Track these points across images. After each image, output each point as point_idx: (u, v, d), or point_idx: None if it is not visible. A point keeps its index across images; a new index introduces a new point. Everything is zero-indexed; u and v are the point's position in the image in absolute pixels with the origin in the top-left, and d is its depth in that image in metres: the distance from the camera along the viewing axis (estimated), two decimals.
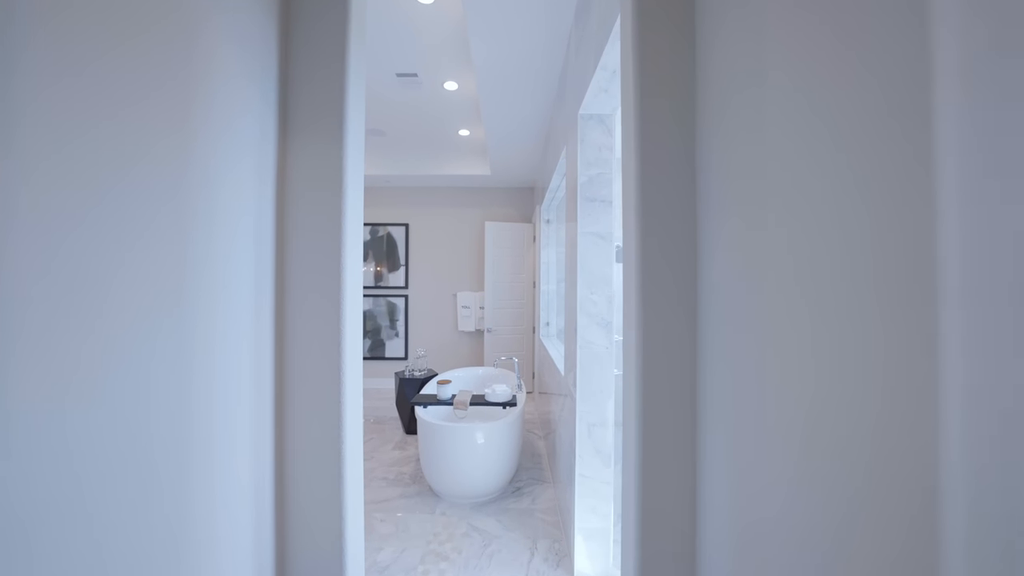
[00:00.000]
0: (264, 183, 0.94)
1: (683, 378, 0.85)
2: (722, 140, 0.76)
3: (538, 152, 3.94)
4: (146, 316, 0.65)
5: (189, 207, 0.73)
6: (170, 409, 0.69)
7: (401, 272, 5.33)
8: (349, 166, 1.02)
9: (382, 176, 4.83)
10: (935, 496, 0.37)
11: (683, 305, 0.85)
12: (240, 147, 0.85)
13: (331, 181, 1.00)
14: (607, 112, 1.83)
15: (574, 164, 1.93)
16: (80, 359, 0.56)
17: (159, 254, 0.67)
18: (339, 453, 0.98)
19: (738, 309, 0.70)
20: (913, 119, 0.39)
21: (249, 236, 0.88)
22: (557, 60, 2.35)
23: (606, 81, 1.57)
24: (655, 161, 0.86)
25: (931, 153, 0.37)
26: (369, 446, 3.47)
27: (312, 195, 1.01)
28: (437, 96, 3.26)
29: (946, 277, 0.36)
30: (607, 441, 1.86)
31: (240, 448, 0.86)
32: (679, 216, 0.86)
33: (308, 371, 0.99)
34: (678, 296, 0.85)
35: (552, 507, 2.52)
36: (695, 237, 0.86)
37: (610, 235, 1.84)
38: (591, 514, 1.86)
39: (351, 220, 1.05)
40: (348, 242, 1.03)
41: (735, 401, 0.71)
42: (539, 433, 3.75)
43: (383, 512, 2.47)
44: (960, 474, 0.35)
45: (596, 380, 1.84)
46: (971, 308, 0.34)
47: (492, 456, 2.52)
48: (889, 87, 0.42)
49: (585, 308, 1.83)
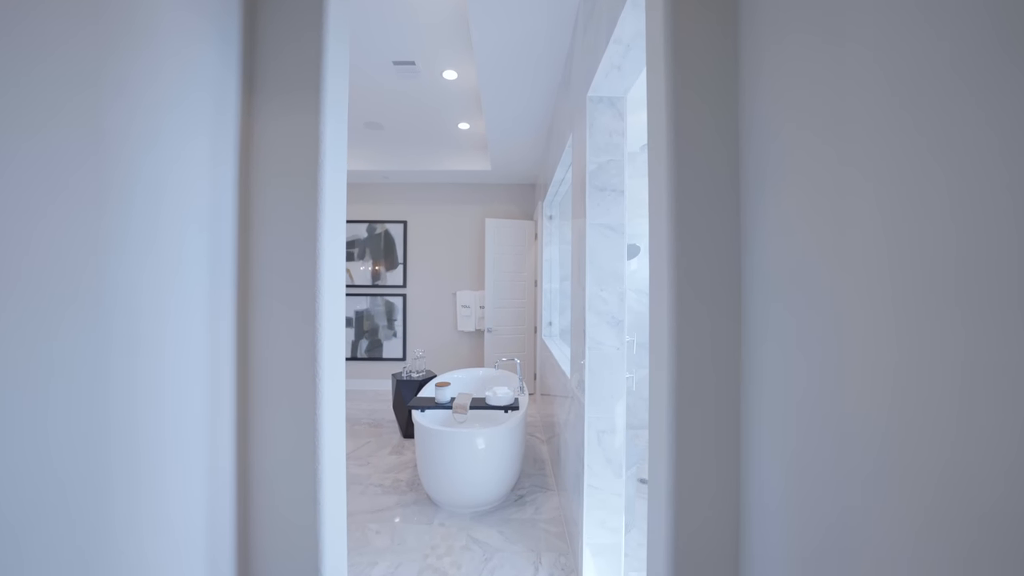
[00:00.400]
0: (222, 163, 0.79)
1: (724, 376, 0.72)
2: (773, 98, 0.63)
3: (540, 145, 3.81)
4: (46, 314, 0.52)
5: (107, 183, 0.58)
6: (76, 425, 0.55)
7: (399, 271, 5.19)
8: (327, 144, 0.86)
9: (380, 171, 4.70)
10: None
11: (723, 295, 0.72)
12: (186, 118, 0.71)
13: (304, 162, 0.84)
14: (618, 94, 1.69)
15: (582, 151, 1.80)
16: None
17: (62, 242, 0.53)
18: (315, 473, 0.84)
19: (802, 297, 0.57)
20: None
21: (201, 226, 0.74)
22: (562, 43, 2.22)
23: (619, 56, 1.43)
24: (688, 129, 0.73)
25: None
26: (365, 450, 3.34)
27: (282, 180, 0.85)
28: (436, 86, 3.13)
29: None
30: (618, 449, 1.72)
31: (191, 466, 0.72)
32: (717, 195, 0.72)
33: (278, 384, 0.84)
34: (717, 283, 0.72)
35: (557, 517, 2.38)
36: (737, 218, 0.72)
37: (621, 227, 1.70)
38: (601, 528, 1.73)
39: (330, 211, 0.88)
40: (325, 237, 0.86)
41: (800, 398, 0.58)
42: (541, 437, 3.62)
43: (378, 523, 2.33)
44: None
45: (607, 383, 1.70)
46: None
47: (493, 463, 2.39)
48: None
49: (594, 306, 1.70)
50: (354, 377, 5.20)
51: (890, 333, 0.44)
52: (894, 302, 0.43)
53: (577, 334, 1.93)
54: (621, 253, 1.70)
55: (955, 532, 0.37)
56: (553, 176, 3.15)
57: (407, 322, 5.20)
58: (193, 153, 0.71)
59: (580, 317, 1.83)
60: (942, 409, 0.38)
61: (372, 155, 4.59)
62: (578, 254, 1.88)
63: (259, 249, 0.84)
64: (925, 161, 0.40)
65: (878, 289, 0.45)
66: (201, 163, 0.73)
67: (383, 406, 4.54)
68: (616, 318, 1.69)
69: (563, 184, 3.33)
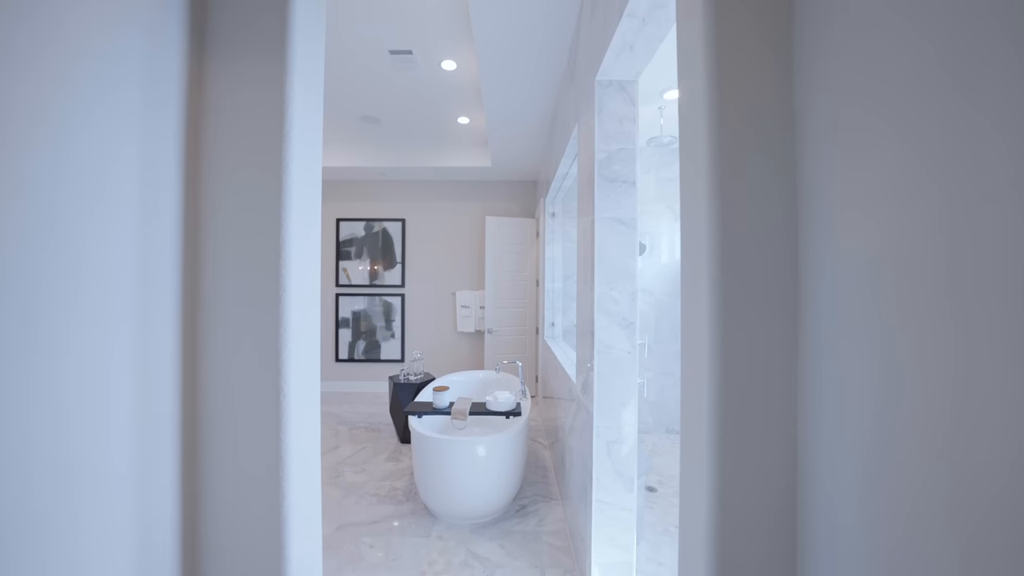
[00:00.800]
0: (157, 129, 0.63)
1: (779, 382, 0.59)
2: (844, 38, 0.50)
3: (542, 139, 3.68)
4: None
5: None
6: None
7: (397, 270, 5.06)
8: (294, 110, 0.70)
9: (377, 168, 4.57)
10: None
11: (776, 291, 0.59)
12: (101, 69, 0.55)
13: (265, 131, 0.67)
14: (630, 78, 1.57)
15: (590, 140, 1.67)
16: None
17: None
18: (278, 524, 0.68)
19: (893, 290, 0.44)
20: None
21: (127, 206, 0.59)
22: (566, 29, 2.09)
23: (632, 33, 1.31)
24: (733, 89, 0.60)
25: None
26: (361, 456, 3.21)
27: (236, 158, 0.68)
28: (434, 77, 3.00)
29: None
30: (628, 459, 1.60)
31: (115, 509, 0.58)
32: (769, 169, 0.60)
33: (234, 405, 0.69)
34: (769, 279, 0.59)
35: (561, 529, 2.26)
36: (794, 199, 0.59)
37: (633, 221, 1.58)
38: (610, 546, 1.60)
39: (300, 200, 0.71)
40: (292, 230, 0.69)
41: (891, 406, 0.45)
42: (544, 442, 3.49)
43: (372, 536, 2.20)
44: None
45: (616, 390, 1.58)
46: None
47: (494, 472, 2.26)
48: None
49: (604, 306, 1.57)
50: (351, 379, 5.07)
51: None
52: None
53: (583, 336, 1.80)
54: (632, 249, 1.58)
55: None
56: (556, 171, 3.02)
57: (405, 323, 5.07)
58: (112, 113, 0.56)
59: (587, 318, 1.71)
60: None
61: (369, 151, 4.47)
62: (585, 251, 1.76)
63: (212, 246, 0.69)
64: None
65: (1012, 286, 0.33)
66: (126, 126, 0.58)
67: (381, 409, 4.41)
68: (627, 319, 1.56)
69: (566, 179, 3.20)
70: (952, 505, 0.38)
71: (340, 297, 5.06)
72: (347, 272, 5.07)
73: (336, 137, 4.20)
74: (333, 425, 3.93)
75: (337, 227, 5.07)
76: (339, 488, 2.71)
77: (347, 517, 2.37)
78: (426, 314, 5.08)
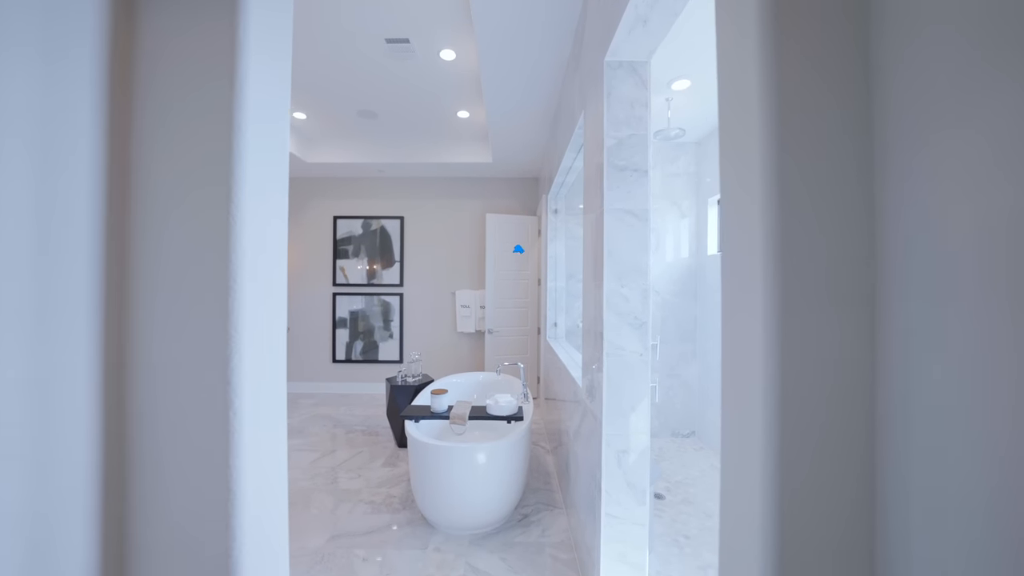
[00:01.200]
0: (67, 78, 0.51)
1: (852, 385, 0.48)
2: None
3: (544, 133, 3.57)
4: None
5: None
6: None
7: (396, 269, 4.95)
8: (249, 58, 0.56)
9: (374, 164, 4.46)
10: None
11: (846, 285, 0.48)
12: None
13: (212, 81, 0.54)
14: (642, 58, 1.45)
15: (598, 127, 1.56)
16: None
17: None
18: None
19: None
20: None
21: (15, 177, 0.47)
22: (570, 13, 1.98)
23: (646, 8, 1.19)
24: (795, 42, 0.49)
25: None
26: (357, 461, 3.10)
27: (175, 117, 0.55)
28: (433, 68, 2.89)
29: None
30: (639, 469, 1.48)
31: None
32: (838, 137, 0.48)
33: (173, 428, 0.56)
34: (839, 269, 0.48)
35: (566, 540, 2.14)
36: (871, 175, 0.48)
37: (645, 213, 1.46)
38: (621, 563, 1.49)
39: (256, 176, 0.58)
40: (245, 204, 0.56)
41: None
42: (546, 446, 3.37)
43: (366, 548, 2.09)
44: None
45: (627, 395, 1.46)
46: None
47: (495, 480, 2.14)
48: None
49: (614, 305, 1.46)
50: (349, 380, 4.96)
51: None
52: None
53: (590, 336, 1.69)
54: (645, 244, 1.46)
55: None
56: (559, 165, 2.91)
57: (404, 323, 4.96)
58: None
59: (595, 317, 1.59)
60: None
61: (366, 146, 4.35)
62: (593, 245, 1.64)
63: (145, 231, 0.57)
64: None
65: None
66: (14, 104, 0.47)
67: (379, 411, 4.30)
68: (639, 319, 1.45)
69: (570, 173, 3.09)
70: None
71: (337, 296, 4.94)
72: (344, 271, 4.95)
73: (333, 133, 4.08)
74: (329, 428, 3.82)
75: (334, 225, 4.96)
76: (333, 496, 2.59)
77: (340, 527, 2.26)
78: (425, 314, 4.97)
